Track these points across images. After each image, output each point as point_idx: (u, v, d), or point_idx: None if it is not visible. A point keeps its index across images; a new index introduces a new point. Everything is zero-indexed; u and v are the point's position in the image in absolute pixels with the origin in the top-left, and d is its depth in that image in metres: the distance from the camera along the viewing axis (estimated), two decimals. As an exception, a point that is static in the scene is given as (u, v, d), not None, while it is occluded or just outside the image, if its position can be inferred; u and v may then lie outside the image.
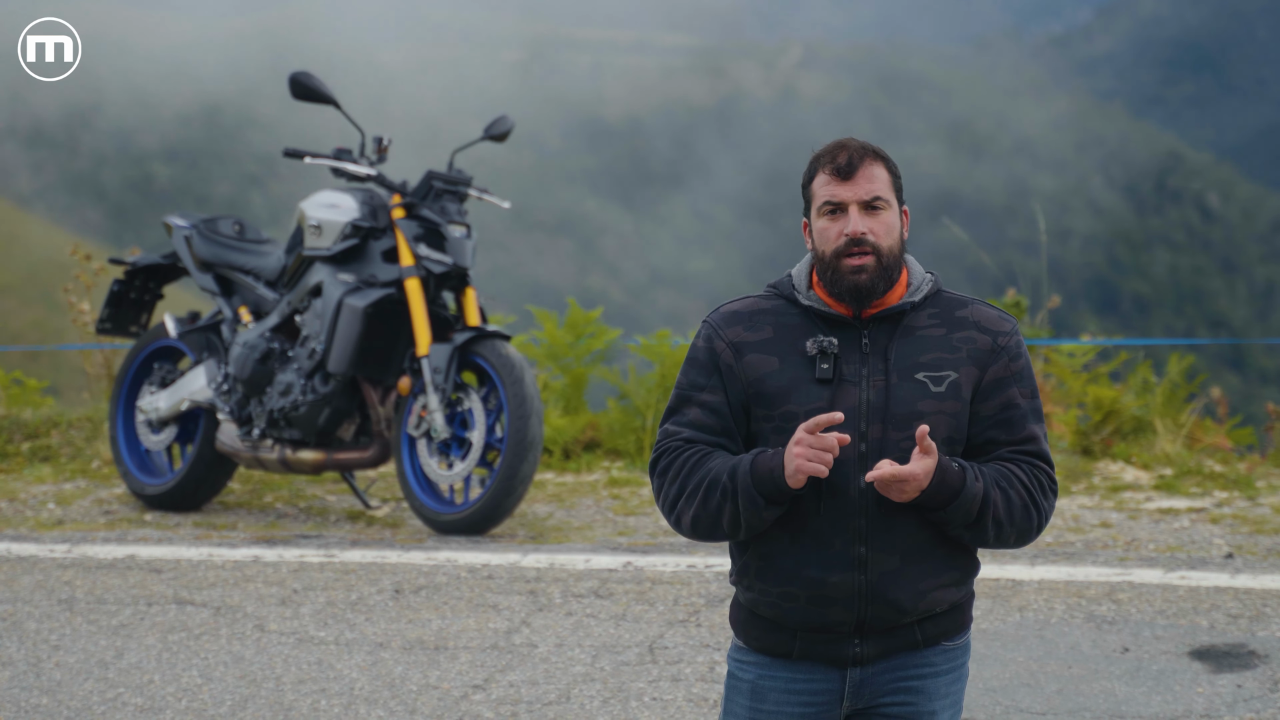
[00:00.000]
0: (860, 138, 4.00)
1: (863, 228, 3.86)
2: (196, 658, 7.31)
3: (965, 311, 3.96)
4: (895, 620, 3.90)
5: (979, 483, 3.82)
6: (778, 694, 3.97)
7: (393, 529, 9.65)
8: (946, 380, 3.87)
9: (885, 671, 3.94)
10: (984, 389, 3.91)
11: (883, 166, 3.92)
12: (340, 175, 9.78)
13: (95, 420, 11.78)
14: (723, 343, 3.94)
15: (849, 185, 3.88)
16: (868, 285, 3.87)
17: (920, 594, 3.88)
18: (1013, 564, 8.29)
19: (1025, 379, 3.95)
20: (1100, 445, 10.49)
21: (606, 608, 7.79)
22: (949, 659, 3.99)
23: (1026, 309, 11.62)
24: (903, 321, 3.92)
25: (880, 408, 3.84)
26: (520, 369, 9.18)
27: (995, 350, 3.93)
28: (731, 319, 3.97)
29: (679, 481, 3.89)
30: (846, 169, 3.88)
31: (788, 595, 3.90)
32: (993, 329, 3.95)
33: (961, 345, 3.91)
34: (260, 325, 9.96)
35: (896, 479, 3.73)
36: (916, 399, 3.85)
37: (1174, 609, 7.50)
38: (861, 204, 3.88)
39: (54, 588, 8.43)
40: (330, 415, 9.62)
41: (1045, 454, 3.95)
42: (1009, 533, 3.89)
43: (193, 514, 10.13)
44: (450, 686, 6.86)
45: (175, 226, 10.38)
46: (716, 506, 3.82)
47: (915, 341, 3.90)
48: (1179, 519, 9.27)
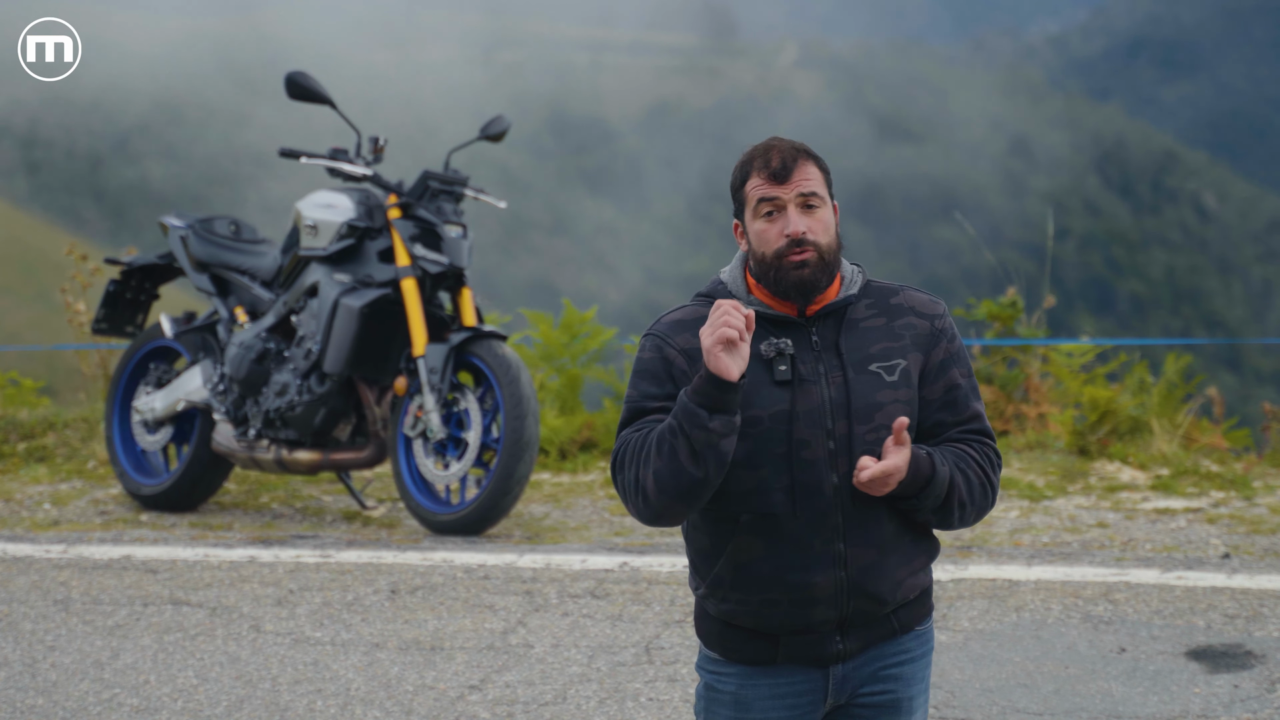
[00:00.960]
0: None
1: (802, 226, 3.88)
2: (192, 658, 7.30)
3: (899, 299, 3.99)
4: (876, 613, 3.92)
5: (945, 467, 3.86)
6: (762, 701, 3.97)
7: (389, 529, 9.64)
8: (898, 369, 3.91)
9: (866, 664, 3.95)
10: (928, 373, 3.95)
11: (814, 165, 3.93)
12: (336, 175, 9.77)
13: (91, 420, 11.77)
14: (674, 350, 3.92)
15: (784, 186, 3.89)
16: (811, 280, 3.88)
17: (897, 583, 3.91)
18: (1009, 564, 8.29)
19: (962, 359, 4.00)
20: (1097, 445, 10.49)
21: (603, 608, 7.78)
22: (920, 642, 4.02)
23: (1023, 309, 11.62)
24: (846, 315, 3.95)
25: (843, 404, 3.85)
26: (516, 369, 9.17)
27: (935, 333, 3.97)
28: (678, 327, 3.95)
29: (634, 460, 3.84)
30: (781, 170, 3.89)
31: (769, 602, 3.89)
32: (929, 313, 3.99)
33: (904, 332, 3.94)
34: (256, 325, 9.95)
35: (885, 474, 3.76)
36: (874, 391, 3.87)
37: (1171, 609, 7.50)
38: (799, 202, 3.89)
39: (49, 588, 8.42)
40: (326, 415, 9.62)
41: (989, 430, 4.01)
42: (970, 512, 3.93)
43: (189, 514, 10.13)
44: (446, 687, 6.85)
45: (171, 226, 10.37)
46: (670, 449, 3.76)
47: (861, 334, 3.93)
48: (1176, 519, 9.27)
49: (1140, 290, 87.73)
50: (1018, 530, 9.13)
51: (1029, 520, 9.33)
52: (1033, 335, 11.55)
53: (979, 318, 11.72)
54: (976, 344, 11.72)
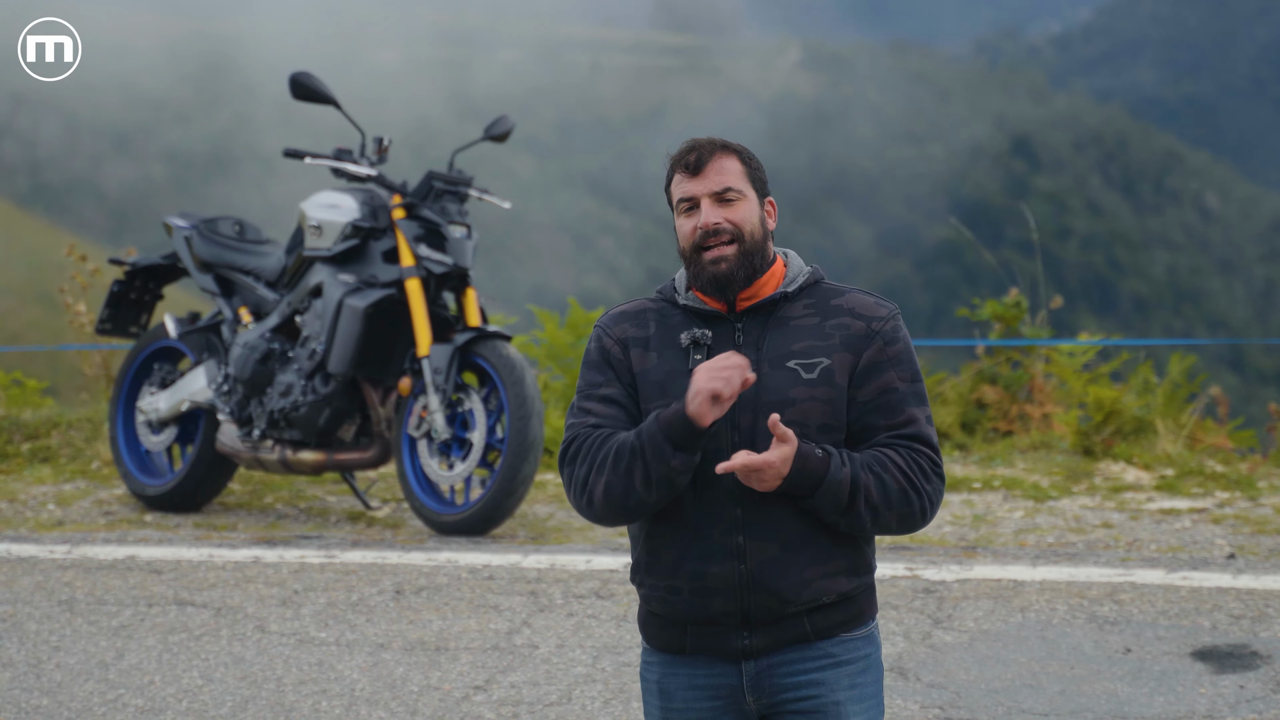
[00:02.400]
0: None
1: (715, 218, 3.91)
2: (197, 659, 7.30)
3: (840, 300, 3.99)
4: (779, 611, 3.90)
5: (846, 468, 3.83)
6: (683, 691, 3.99)
7: (393, 530, 9.64)
8: (819, 367, 3.90)
9: (781, 665, 3.94)
10: (859, 374, 3.93)
11: (735, 159, 3.97)
12: (340, 175, 9.78)
13: (95, 421, 11.77)
14: (610, 340, 4.01)
15: (699, 180, 3.94)
16: (727, 274, 3.92)
17: (803, 583, 3.89)
18: (1014, 564, 8.28)
19: (904, 363, 3.96)
20: (1101, 446, 10.48)
21: (608, 608, 7.78)
22: (850, 649, 3.97)
23: (1027, 309, 11.61)
24: (775, 312, 3.96)
25: (751, 397, 3.87)
26: (521, 369, 9.17)
27: (869, 335, 3.95)
28: (619, 319, 4.05)
29: (588, 460, 3.90)
30: (695, 165, 3.94)
31: (673, 589, 3.93)
32: (867, 314, 3.97)
33: (835, 332, 3.94)
34: (260, 326, 9.95)
35: (750, 468, 3.74)
36: (787, 387, 3.88)
37: (1176, 609, 7.50)
38: (713, 196, 3.93)
39: (54, 589, 8.42)
40: (331, 416, 9.62)
41: (925, 436, 3.95)
42: (888, 517, 3.88)
43: (193, 515, 10.13)
44: (451, 687, 6.85)
45: (175, 227, 10.37)
46: (626, 467, 3.82)
47: (789, 332, 3.94)
48: (1181, 519, 9.26)
49: (1142, 290, 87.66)
50: (1023, 530, 9.12)
51: (1034, 521, 9.32)
52: (1036, 335, 11.54)
53: (983, 318, 11.72)
54: (980, 344, 11.72)
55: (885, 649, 6.96)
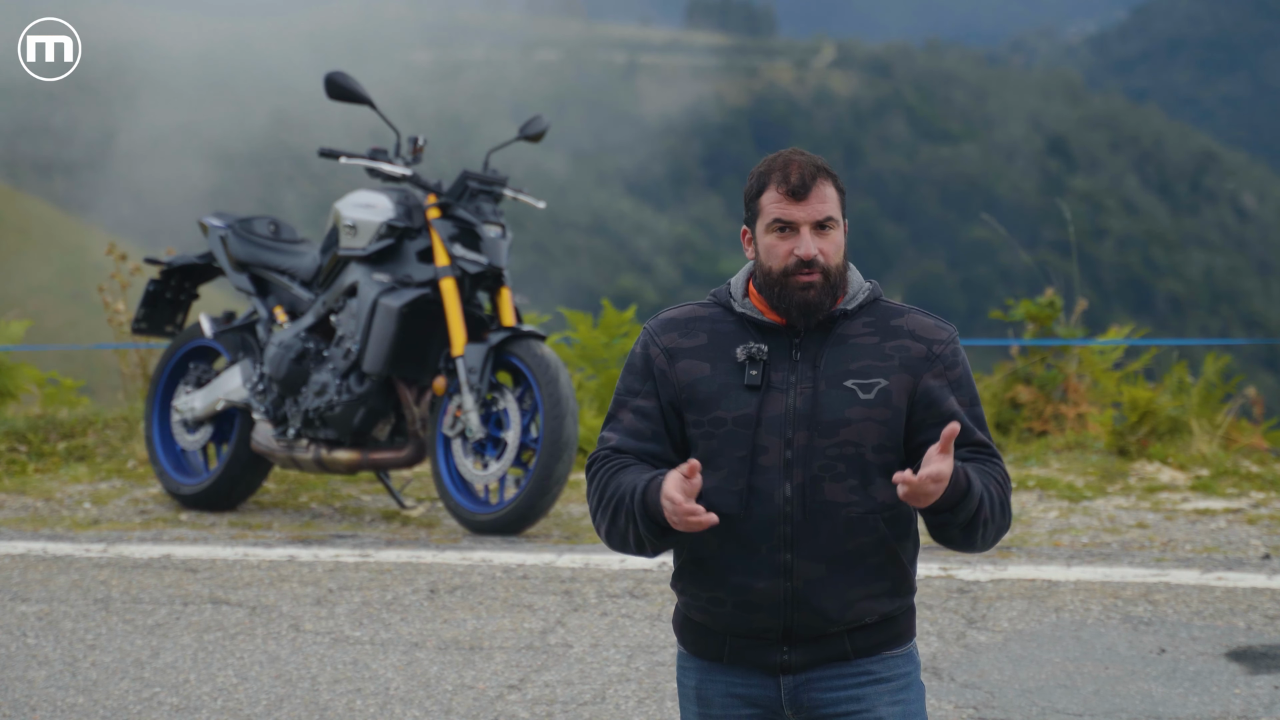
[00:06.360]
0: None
1: (814, 249, 3.86)
2: (232, 657, 7.32)
3: (900, 321, 3.95)
4: (822, 629, 3.89)
5: (979, 482, 3.82)
6: (721, 698, 3.99)
7: (428, 529, 9.66)
8: (876, 387, 3.86)
9: (820, 680, 3.92)
10: (920, 397, 3.89)
11: (832, 185, 3.91)
12: (375, 175, 9.80)
13: (131, 420, 11.81)
14: (657, 349, 3.97)
15: (802, 206, 3.88)
16: (816, 302, 3.87)
17: (847, 604, 3.87)
18: (1049, 564, 8.27)
19: (964, 387, 3.93)
20: (1136, 446, 10.46)
21: (642, 608, 7.79)
22: (890, 667, 3.96)
23: (1061, 309, 11.58)
24: (834, 329, 3.92)
25: (806, 415, 3.84)
26: (555, 369, 9.18)
27: (930, 358, 3.91)
28: (668, 325, 4.00)
29: (597, 493, 3.93)
30: (800, 188, 3.87)
31: (715, 600, 3.92)
32: (927, 337, 3.93)
33: (894, 354, 3.90)
34: (295, 325, 9.97)
35: (937, 478, 3.69)
36: (844, 406, 3.84)
37: (1211, 610, 7.48)
38: (813, 225, 3.88)
39: (90, 587, 8.45)
40: (365, 415, 9.64)
41: (996, 451, 3.94)
42: (991, 531, 3.87)
43: (228, 514, 10.16)
44: (485, 686, 6.86)
45: (211, 226, 10.40)
46: (624, 526, 3.88)
47: (847, 349, 3.90)
48: (1215, 520, 9.24)
49: (1179, 290, 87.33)
50: (1057, 531, 9.11)
51: (1068, 521, 9.30)
52: (1071, 335, 11.51)
53: (1017, 318, 11.69)
54: (1015, 344, 11.69)
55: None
